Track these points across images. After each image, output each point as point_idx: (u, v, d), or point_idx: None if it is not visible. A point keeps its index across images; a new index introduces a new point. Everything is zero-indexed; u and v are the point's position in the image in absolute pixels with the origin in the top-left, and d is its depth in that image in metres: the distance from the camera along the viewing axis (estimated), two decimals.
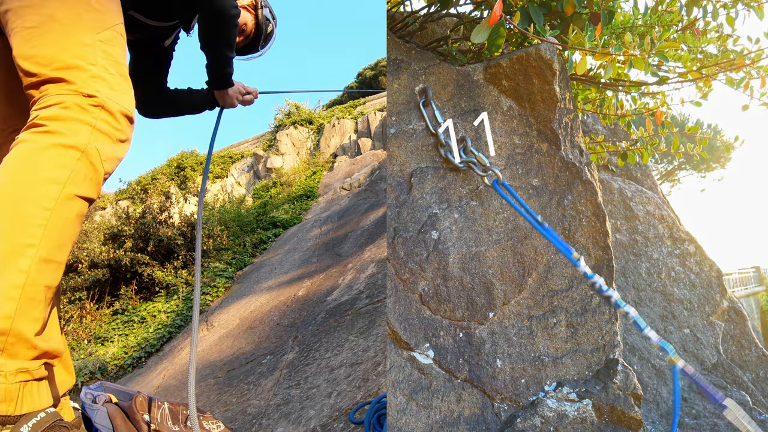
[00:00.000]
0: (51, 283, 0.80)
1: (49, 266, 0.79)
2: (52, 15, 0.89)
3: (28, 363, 0.77)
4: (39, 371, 0.79)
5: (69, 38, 0.89)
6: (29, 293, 0.75)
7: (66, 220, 0.81)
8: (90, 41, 0.91)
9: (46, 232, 0.77)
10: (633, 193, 2.60)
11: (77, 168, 0.82)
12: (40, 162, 0.79)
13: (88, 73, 0.88)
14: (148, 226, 6.65)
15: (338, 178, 10.76)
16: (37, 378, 0.79)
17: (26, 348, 0.76)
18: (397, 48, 1.45)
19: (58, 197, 0.79)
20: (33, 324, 0.77)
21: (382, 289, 3.16)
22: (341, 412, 1.81)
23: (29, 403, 0.75)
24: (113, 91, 0.91)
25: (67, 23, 0.89)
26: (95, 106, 0.87)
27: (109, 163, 0.89)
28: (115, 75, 0.93)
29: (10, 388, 0.72)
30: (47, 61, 0.86)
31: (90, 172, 0.84)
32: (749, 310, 15.42)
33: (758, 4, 1.58)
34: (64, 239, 0.81)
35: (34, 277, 0.76)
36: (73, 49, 0.88)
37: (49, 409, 0.77)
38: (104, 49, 0.93)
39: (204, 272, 6.35)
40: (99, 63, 0.91)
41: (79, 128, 0.84)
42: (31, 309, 0.76)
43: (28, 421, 0.72)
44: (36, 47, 0.87)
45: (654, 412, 1.88)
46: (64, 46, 0.88)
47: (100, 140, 0.86)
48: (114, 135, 0.90)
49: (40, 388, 0.79)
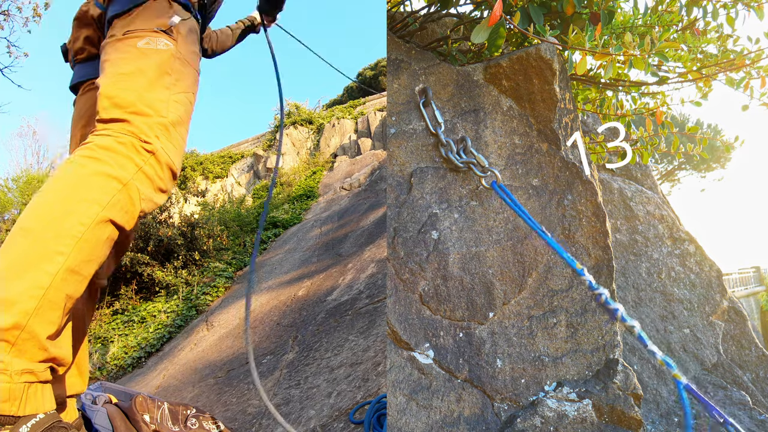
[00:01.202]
0: (72, 293, 0.84)
1: (74, 277, 0.83)
2: (141, 69, 1.02)
3: (34, 365, 0.77)
4: (44, 374, 0.80)
5: (149, 91, 1.00)
6: (51, 296, 0.78)
7: (97, 239, 0.86)
8: (165, 98, 1.03)
9: (77, 245, 0.82)
10: (633, 193, 2.60)
11: (117, 197, 0.89)
12: (86, 184, 0.87)
13: (153, 121, 0.98)
14: (148, 226, 6.64)
15: (338, 178, 10.75)
16: (42, 381, 0.79)
17: (36, 348, 0.77)
18: (397, 48, 1.45)
19: (95, 217, 0.85)
20: (48, 326, 0.79)
21: (382, 289, 3.16)
22: (341, 412, 1.81)
23: (32, 404, 0.75)
24: (169, 144, 1.00)
25: (151, 80, 1.02)
26: (148, 151, 0.95)
27: (146, 204, 0.96)
28: (177, 133, 1.04)
29: (14, 387, 0.73)
30: (125, 104, 0.97)
31: (128, 204, 0.91)
32: (749, 310, 15.42)
33: (758, 4, 1.58)
34: (92, 256, 0.86)
35: (59, 283, 0.79)
36: (150, 100, 1.00)
37: (49, 411, 0.77)
38: (176, 107, 1.05)
39: (204, 272, 6.35)
40: (168, 116, 1.01)
41: (127, 165, 0.92)
42: (49, 312, 0.78)
43: (27, 421, 0.73)
44: (120, 90, 0.98)
45: (654, 412, 1.88)
46: (142, 96, 0.99)
47: (142, 181, 0.94)
48: (156, 182, 0.97)
49: (44, 391, 0.79)
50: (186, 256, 6.61)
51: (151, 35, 1.07)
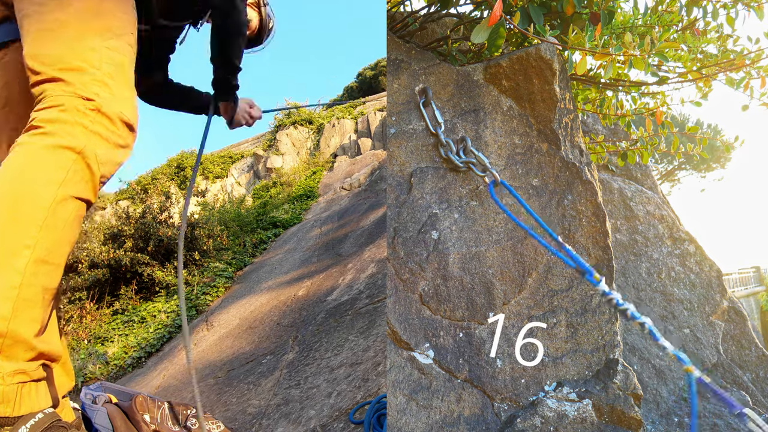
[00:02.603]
0: (49, 285, 0.79)
1: (46, 267, 0.78)
2: (64, 20, 0.91)
3: (25, 364, 0.76)
4: (37, 372, 0.78)
5: (77, 42, 0.91)
6: (26, 294, 0.75)
7: (63, 220, 0.81)
8: (97, 46, 0.93)
9: (42, 233, 0.77)
10: (633, 193, 2.60)
11: (73, 169, 0.82)
12: (37, 163, 0.80)
13: (89, 76, 0.89)
14: (148, 226, 6.64)
15: (338, 178, 10.76)
16: (35, 379, 0.78)
17: (24, 350, 0.75)
18: (397, 48, 1.45)
19: (55, 198, 0.79)
20: (31, 325, 0.76)
21: (382, 289, 3.16)
22: (341, 412, 1.81)
23: (27, 404, 0.75)
24: (113, 96, 0.92)
25: (77, 28, 0.92)
26: (93, 110, 0.88)
27: (107, 167, 0.89)
28: (118, 81, 0.94)
29: (7, 389, 0.72)
30: (52, 60, 0.88)
31: (86, 174, 0.85)
32: (749, 310, 15.42)
33: (758, 4, 1.58)
34: (61, 240, 0.81)
35: (31, 278, 0.75)
36: (79, 51, 0.90)
37: (48, 410, 0.77)
38: (110, 55, 0.94)
39: (204, 272, 6.35)
40: (103, 68, 0.92)
41: (76, 131, 0.84)
42: (28, 310, 0.75)
43: (26, 422, 0.72)
44: (44, 47, 0.89)
45: (654, 412, 1.88)
46: (70, 48, 0.90)
47: (96, 143, 0.87)
48: (112, 139, 0.90)
49: (38, 389, 0.78)
50: (186, 256, 6.61)
51: None
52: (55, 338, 0.91)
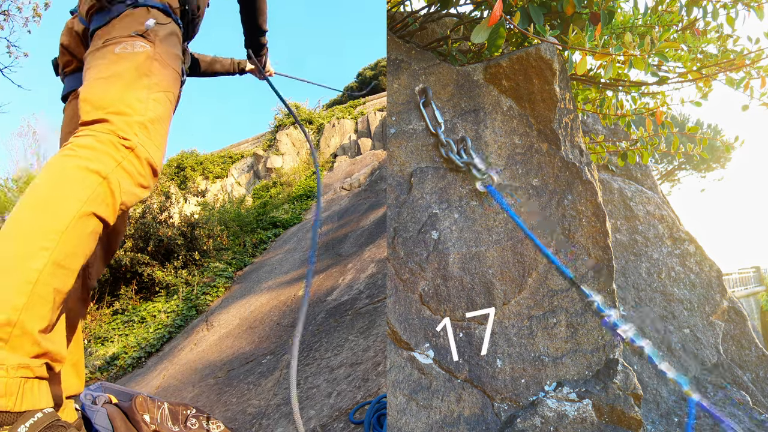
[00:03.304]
0: (61, 287, 0.85)
1: (61, 271, 0.84)
2: (118, 72, 1.05)
3: (29, 360, 0.78)
4: (40, 370, 0.80)
5: (126, 91, 1.03)
6: (39, 291, 0.80)
7: (81, 232, 0.88)
8: (143, 97, 1.05)
9: (61, 239, 0.84)
10: (633, 193, 2.60)
11: (98, 191, 0.91)
12: (66, 180, 0.89)
13: (132, 119, 1.00)
14: (148, 226, 6.64)
15: (338, 178, 10.76)
16: (38, 377, 0.79)
17: (30, 343, 0.78)
18: (397, 48, 1.45)
19: (77, 212, 0.87)
20: (39, 321, 0.80)
21: (382, 289, 3.16)
22: (341, 412, 1.81)
23: (29, 400, 0.75)
24: (149, 141, 1.02)
25: (128, 81, 1.05)
26: (127, 148, 0.97)
27: (128, 197, 0.97)
28: (157, 130, 1.05)
29: (10, 382, 0.73)
30: (103, 105, 1.00)
31: (108, 197, 0.93)
32: (749, 310, 15.42)
33: (758, 4, 1.58)
34: (77, 250, 0.88)
35: (46, 277, 0.81)
36: (128, 100, 1.02)
37: (47, 410, 0.77)
38: (154, 105, 1.06)
39: (204, 272, 6.35)
40: (146, 114, 1.03)
41: (106, 160, 0.93)
42: (39, 306, 0.80)
43: (25, 420, 0.73)
44: (97, 93, 1.02)
45: (654, 412, 1.88)
46: (120, 96, 1.02)
47: (122, 176, 0.95)
48: (136, 178, 0.99)
49: (40, 387, 0.79)
50: (186, 256, 6.61)
51: (128, 40, 1.11)
52: (61, 340, 0.94)
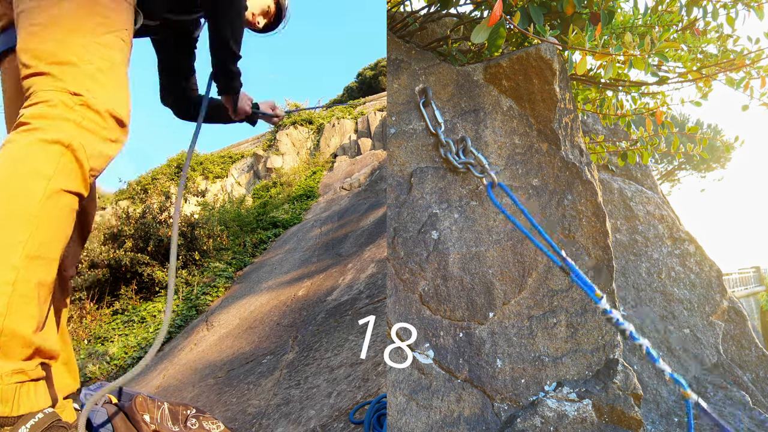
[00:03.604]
0: (43, 280, 0.79)
1: (40, 262, 0.78)
2: (56, 15, 0.92)
3: (23, 363, 0.76)
4: (35, 371, 0.78)
5: (68, 37, 0.91)
6: (20, 290, 0.74)
7: (55, 215, 0.81)
8: (88, 42, 0.93)
9: (34, 228, 0.77)
10: (633, 193, 2.60)
11: (62, 162, 0.82)
12: (26, 158, 0.80)
13: (79, 71, 0.89)
14: (148, 226, 6.64)
15: (338, 178, 10.75)
16: (34, 378, 0.78)
17: (21, 346, 0.75)
18: (397, 48, 1.45)
19: (45, 192, 0.79)
20: (27, 321, 0.76)
21: (382, 289, 3.16)
22: (341, 412, 1.81)
23: (26, 404, 0.75)
24: (104, 91, 0.92)
25: (70, 24, 0.92)
26: (81, 105, 0.87)
27: (96, 160, 0.89)
28: (110, 77, 0.94)
29: (6, 389, 0.72)
30: (43, 54, 0.88)
31: (75, 167, 0.84)
32: (749, 310, 15.42)
33: (758, 4, 1.58)
34: (54, 234, 0.81)
35: (24, 273, 0.75)
36: (70, 46, 0.90)
37: (48, 410, 0.77)
38: (102, 51, 0.94)
39: (204, 272, 6.35)
40: (94, 62, 0.92)
41: (64, 125, 0.84)
42: (23, 306, 0.75)
43: (26, 422, 0.72)
44: (35, 42, 0.90)
45: (654, 412, 1.88)
46: (61, 43, 0.90)
47: (85, 137, 0.86)
48: (101, 134, 0.90)
49: (37, 389, 0.78)
50: (186, 256, 6.61)
51: None
52: (53, 335, 0.91)
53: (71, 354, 1.19)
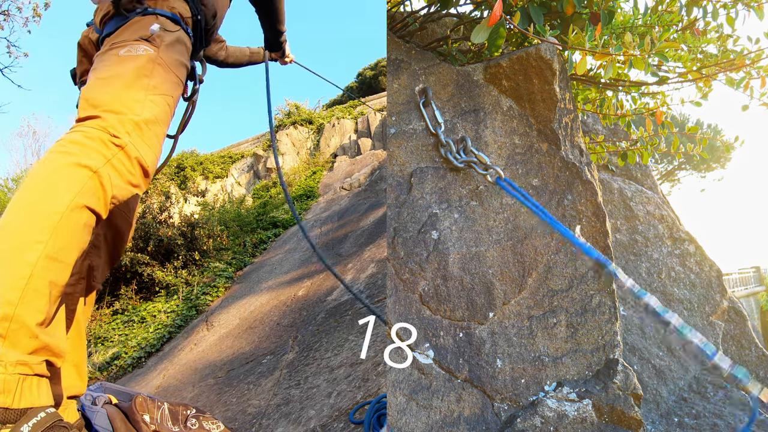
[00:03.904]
0: (56, 280, 0.85)
1: (55, 264, 0.84)
2: (118, 73, 1.06)
3: (28, 357, 0.78)
4: (39, 367, 0.80)
5: (124, 92, 1.03)
6: (34, 285, 0.80)
7: (74, 225, 0.88)
8: (141, 98, 1.05)
9: (54, 233, 0.84)
10: (633, 193, 2.60)
11: (88, 184, 0.91)
12: (57, 175, 0.90)
13: (125, 118, 1.00)
14: (148, 226, 6.64)
15: (338, 178, 10.75)
16: (38, 374, 0.79)
17: (27, 337, 0.78)
18: (397, 48, 1.45)
19: (69, 204, 0.87)
20: (36, 314, 0.80)
21: (382, 289, 3.16)
22: (341, 412, 1.81)
23: (28, 397, 0.75)
24: (141, 141, 1.02)
25: (128, 82, 1.05)
26: (117, 146, 0.97)
27: (119, 191, 0.97)
28: (150, 130, 1.05)
29: (8, 378, 0.73)
30: (99, 103, 1.00)
31: (99, 191, 0.93)
32: (749, 310, 15.42)
33: (758, 4, 1.58)
34: (71, 243, 0.88)
35: (40, 271, 0.81)
36: (124, 99, 1.02)
37: (50, 409, 0.77)
38: (150, 107, 1.06)
39: (204, 272, 6.35)
40: (141, 114, 1.03)
41: (95, 155, 0.94)
42: (35, 300, 0.80)
43: (28, 420, 0.72)
44: (96, 93, 1.02)
45: (654, 412, 1.88)
46: (117, 96, 1.02)
47: (111, 172, 0.95)
48: (126, 176, 0.99)
49: (40, 385, 0.79)
50: (186, 256, 6.61)
51: (132, 43, 1.12)
52: (60, 334, 0.94)
53: (84, 358, 1.25)
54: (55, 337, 0.85)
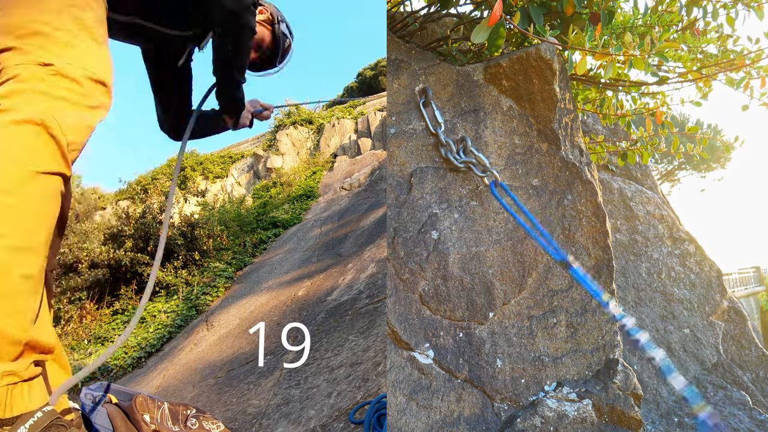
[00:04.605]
0: (28, 272, 0.75)
1: (23, 254, 0.74)
2: None
3: (13, 365, 0.73)
4: (27, 371, 0.76)
5: (36, 6, 0.86)
6: (4, 287, 0.70)
7: (35, 200, 0.76)
8: (57, 7, 0.88)
9: (14, 217, 0.72)
10: (633, 193, 2.60)
11: (36, 144, 0.77)
12: None
13: (49, 39, 0.85)
14: (148, 226, 6.64)
15: (338, 178, 10.75)
16: (26, 379, 0.76)
17: (9, 344, 0.71)
18: (397, 48, 1.45)
19: (21, 177, 0.74)
20: (13, 318, 0.72)
21: (382, 289, 3.16)
22: (341, 412, 1.81)
23: (19, 405, 0.73)
24: (79, 55, 0.87)
25: None
26: (53, 74, 0.82)
27: (75, 133, 0.83)
28: (83, 39, 0.89)
29: None
30: (11, 28, 0.84)
31: (51, 145, 0.79)
32: (749, 310, 15.42)
33: (758, 4, 1.58)
34: (38, 221, 0.76)
35: (8, 267, 0.71)
36: (39, 15, 0.85)
37: (46, 408, 0.76)
38: (73, 13, 0.89)
39: (204, 272, 6.35)
40: (65, 28, 0.87)
41: (33, 99, 0.79)
42: (8, 303, 0.71)
43: (25, 421, 0.71)
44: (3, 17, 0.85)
45: (654, 412, 1.88)
46: (30, 14, 0.85)
47: (60, 109, 0.81)
48: (79, 102, 0.84)
49: (31, 389, 0.77)
50: (186, 256, 6.61)
51: None
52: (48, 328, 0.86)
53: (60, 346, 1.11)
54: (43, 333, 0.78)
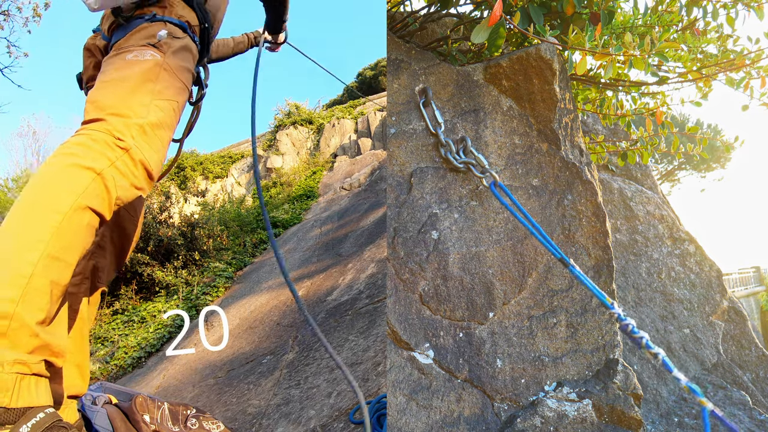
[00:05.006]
0: (58, 280, 0.86)
1: (56, 263, 0.85)
2: (125, 77, 1.08)
3: (26, 356, 0.78)
4: (38, 366, 0.80)
5: (130, 95, 1.05)
6: (35, 283, 0.81)
7: (76, 225, 0.89)
8: (147, 102, 1.06)
9: (56, 232, 0.85)
10: (633, 193, 2.60)
11: (92, 186, 0.92)
12: (61, 176, 0.91)
13: (130, 121, 1.01)
14: (148, 226, 6.63)
15: (338, 178, 10.75)
16: (36, 373, 0.79)
17: (27, 335, 0.78)
18: (397, 48, 1.45)
19: (71, 205, 0.88)
20: (36, 312, 0.81)
21: (382, 289, 3.16)
22: (341, 412, 1.81)
23: (26, 397, 0.75)
24: (145, 144, 1.02)
25: (135, 85, 1.07)
26: (121, 148, 0.98)
27: (123, 192, 0.98)
28: (155, 135, 1.06)
29: (5, 378, 0.73)
30: (105, 106, 1.01)
31: (103, 192, 0.94)
32: (749, 310, 15.42)
33: (758, 4, 1.58)
34: (73, 243, 0.89)
35: (41, 270, 0.82)
36: (130, 103, 1.03)
37: (49, 410, 0.77)
38: (156, 111, 1.07)
39: (204, 272, 6.35)
40: (146, 118, 1.04)
41: (99, 158, 0.94)
42: (35, 298, 0.81)
43: (27, 421, 0.72)
44: (102, 96, 1.04)
45: (654, 412, 1.88)
46: (123, 99, 1.03)
47: (116, 174, 0.96)
48: (129, 179, 0.99)
49: (38, 385, 0.79)
50: (186, 256, 6.61)
51: (139, 48, 1.14)
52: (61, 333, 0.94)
53: (87, 359, 1.26)
54: (55, 336, 0.85)
